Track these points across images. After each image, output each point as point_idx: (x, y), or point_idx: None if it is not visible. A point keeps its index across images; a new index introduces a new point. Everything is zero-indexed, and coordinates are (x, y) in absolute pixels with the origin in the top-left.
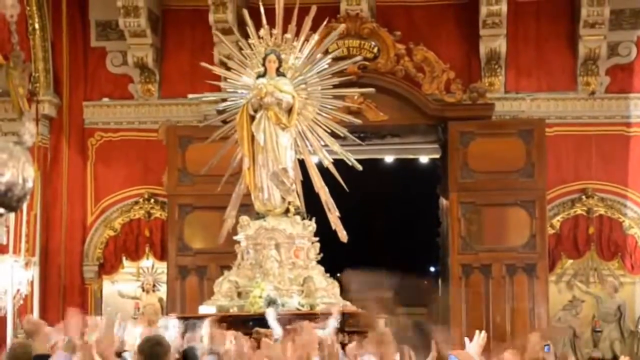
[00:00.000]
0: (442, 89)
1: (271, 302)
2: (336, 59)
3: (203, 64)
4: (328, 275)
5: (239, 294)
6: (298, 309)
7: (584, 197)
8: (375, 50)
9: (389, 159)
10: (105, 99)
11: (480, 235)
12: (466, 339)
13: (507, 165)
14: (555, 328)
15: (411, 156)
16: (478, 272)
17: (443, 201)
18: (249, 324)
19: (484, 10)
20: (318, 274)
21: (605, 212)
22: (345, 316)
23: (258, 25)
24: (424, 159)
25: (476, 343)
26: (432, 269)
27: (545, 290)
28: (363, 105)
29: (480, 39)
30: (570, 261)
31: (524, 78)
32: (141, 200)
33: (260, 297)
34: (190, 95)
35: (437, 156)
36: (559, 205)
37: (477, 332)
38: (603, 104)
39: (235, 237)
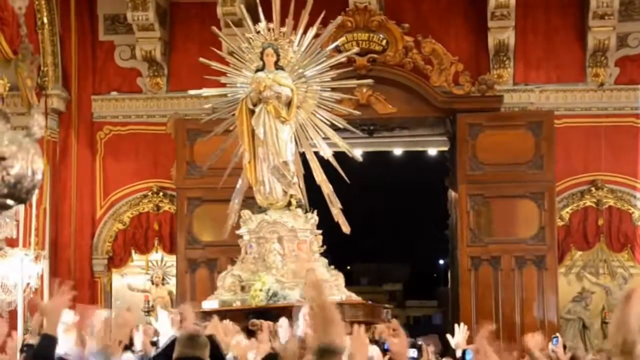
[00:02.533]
0: (450, 81)
1: (272, 296)
2: (341, 52)
3: (202, 59)
4: (333, 267)
5: (242, 288)
6: (299, 301)
7: (593, 188)
8: (384, 42)
9: (397, 151)
10: (114, 93)
11: (489, 228)
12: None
13: (516, 157)
14: None
15: (420, 148)
16: (487, 264)
17: (452, 193)
18: (249, 317)
19: (492, 2)
20: (321, 266)
21: (615, 204)
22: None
23: (268, 17)
24: (432, 151)
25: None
26: (441, 261)
27: (555, 282)
28: (372, 97)
29: (488, 31)
30: (580, 253)
31: (533, 70)
32: (150, 193)
33: (261, 290)
34: (190, 91)
35: (446, 148)
36: (568, 197)
37: (456, 325)
38: (612, 96)
39: (237, 232)
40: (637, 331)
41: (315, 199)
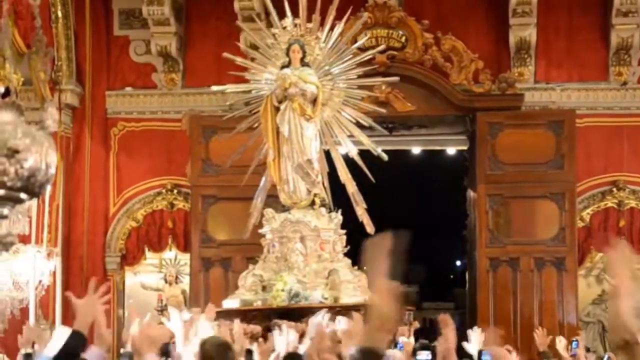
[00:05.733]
0: (470, 79)
1: (294, 296)
2: (363, 49)
3: (226, 54)
4: (356, 268)
5: (264, 288)
6: (321, 302)
7: (614, 189)
8: (403, 39)
9: (416, 150)
10: (128, 88)
11: (509, 228)
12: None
13: (537, 156)
14: None
15: (438, 147)
16: (506, 265)
17: (471, 193)
18: (270, 317)
19: None
20: (344, 266)
21: (637, 205)
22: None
23: (285, 14)
24: (451, 151)
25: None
26: (458, 262)
27: (575, 284)
28: (391, 95)
29: (509, 28)
30: (600, 255)
31: (554, 68)
32: (164, 191)
33: (282, 290)
34: (214, 87)
35: (465, 148)
36: (589, 197)
37: (469, 330)
38: (635, 95)
39: (260, 231)
40: (635, 329)
41: (336, 198)
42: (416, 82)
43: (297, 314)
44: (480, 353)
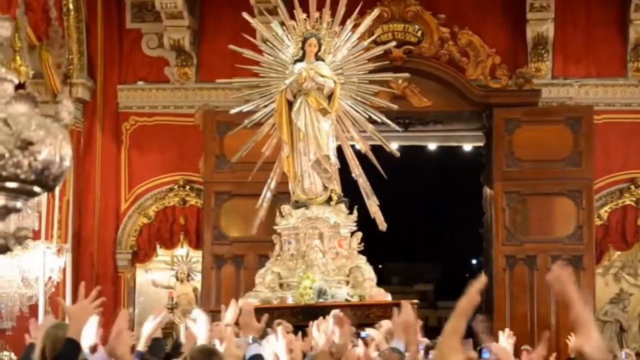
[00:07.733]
0: (487, 74)
1: (322, 294)
2: (378, 43)
3: (231, 47)
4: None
5: (281, 286)
6: (347, 300)
7: (632, 186)
8: (419, 34)
9: (432, 146)
10: (140, 83)
11: (525, 226)
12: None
13: (554, 153)
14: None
15: (455, 144)
16: (523, 263)
17: (487, 190)
18: (298, 315)
19: None
20: (365, 264)
21: None
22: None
23: (301, 7)
24: (467, 147)
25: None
26: (473, 261)
27: (592, 283)
28: (407, 90)
29: (527, 23)
30: (618, 253)
31: (572, 63)
32: (176, 187)
33: (310, 288)
34: (219, 80)
35: (481, 144)
36: (606, 195)
37: (500, 331)
38: None
39: (275, 227)
40: None
41: (346, 195)
42: (432, 77)
43: (323, 312)
44: (480, 351)
